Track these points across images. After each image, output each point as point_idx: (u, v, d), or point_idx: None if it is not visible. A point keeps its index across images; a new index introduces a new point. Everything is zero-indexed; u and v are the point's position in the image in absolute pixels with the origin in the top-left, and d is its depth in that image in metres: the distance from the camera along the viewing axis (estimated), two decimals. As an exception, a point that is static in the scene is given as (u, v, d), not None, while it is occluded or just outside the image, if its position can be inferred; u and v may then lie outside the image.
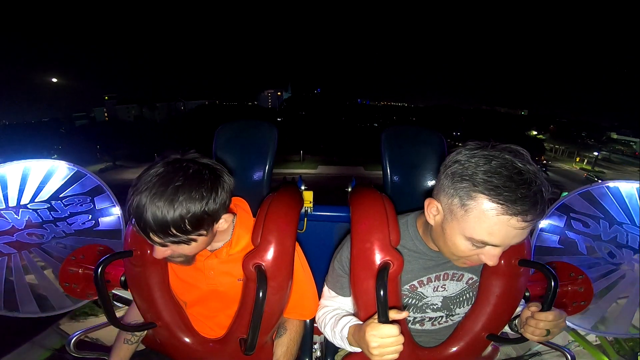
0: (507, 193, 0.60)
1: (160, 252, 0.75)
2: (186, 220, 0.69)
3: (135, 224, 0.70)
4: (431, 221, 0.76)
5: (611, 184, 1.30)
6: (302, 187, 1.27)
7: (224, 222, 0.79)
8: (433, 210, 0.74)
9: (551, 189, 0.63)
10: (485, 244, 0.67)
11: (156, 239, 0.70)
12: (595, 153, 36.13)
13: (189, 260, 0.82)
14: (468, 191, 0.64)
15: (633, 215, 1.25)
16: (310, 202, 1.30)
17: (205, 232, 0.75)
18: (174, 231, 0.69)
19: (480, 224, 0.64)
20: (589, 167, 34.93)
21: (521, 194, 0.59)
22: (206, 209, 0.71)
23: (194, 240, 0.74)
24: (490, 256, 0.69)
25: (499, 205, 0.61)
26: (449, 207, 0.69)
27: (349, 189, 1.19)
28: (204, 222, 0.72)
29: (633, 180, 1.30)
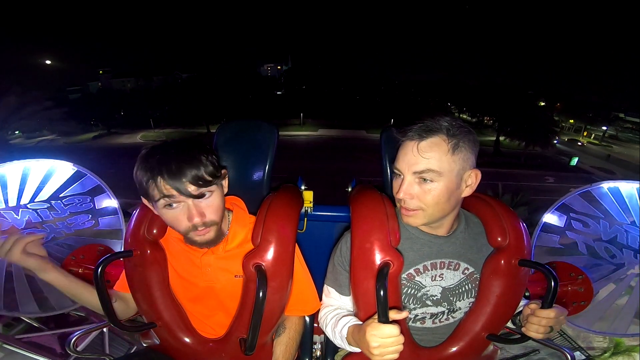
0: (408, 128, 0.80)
1: (198, 210, 0.78)
2: (209, 163, 0.78)
3: (170, 184, 0.73)
4: None
5: (611, 184, 1.30)
6: (302, 187, 1.27)
7: (225, 180, 0.87)
8: None
9: (453, 130, 0.78)
10: (394, 167, 0.84)
11: (194, 189, 0.75)
12: (604, 128, 36.05)
13: (219, 230, 0.85)
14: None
15: (633, 215, 1.25)
16: (310, 202, 1.30)
17: (223, 176, 0.85)
18: (206, 176, 0.77)
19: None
20: (597, 142, 35.15)
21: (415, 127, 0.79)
22: (216, 158, 0.83)
23: (220, 183, 0.83)
24: (400, 188, 0.82)
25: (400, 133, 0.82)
26: None
27: (349, 189, 1.19)
28: (217, 167, 0.82)
29: (633, 180, 1.30)
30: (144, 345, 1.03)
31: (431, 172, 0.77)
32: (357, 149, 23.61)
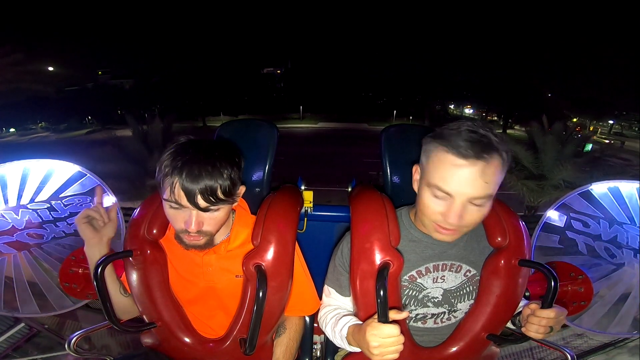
0: (453, 138, 0.71)
1: (198, 219, 0.77)
2: (229, 180, 0.77)
3: (185, 191, 0.73)
4: (415, 187, 0.82)
5: (611, 183, 1.30)
6: (302, 187, 1.27)
7: (238, 196, 0.85)
8: (416, 175, 0.83)
9: (502, 145, 0.71)
10: (439, 189, 0.73)
11: (202, 202, 0.75)
12: (611, 122, 35.97)
13: (211, 239, 0.84)
14: (431, 144, 0.76)
15: (633, 215, 1.25)
16: (310, 202, 1.30)
17: (237, 195, 0.83)
18: (220, 193, 0.76)
19: (435, 168, 0.74)
20: (604, 137, 34.89)
21: (465, 138, 0.70)
22: (239, 173, 0.81)
23: (230, 201, 0.81)
24: (449, 212, 0.73)
25: (444, 146, 0.72)
26: (422, 165, 0.79)
27: (349, 189, 1.19)
28: (236, 185, 0.81)
29: (633, 180, 1.30)
30: (144, 345, 1.03)
31: (487, 198, 0.72)
32: (360, 139, 24.01)
